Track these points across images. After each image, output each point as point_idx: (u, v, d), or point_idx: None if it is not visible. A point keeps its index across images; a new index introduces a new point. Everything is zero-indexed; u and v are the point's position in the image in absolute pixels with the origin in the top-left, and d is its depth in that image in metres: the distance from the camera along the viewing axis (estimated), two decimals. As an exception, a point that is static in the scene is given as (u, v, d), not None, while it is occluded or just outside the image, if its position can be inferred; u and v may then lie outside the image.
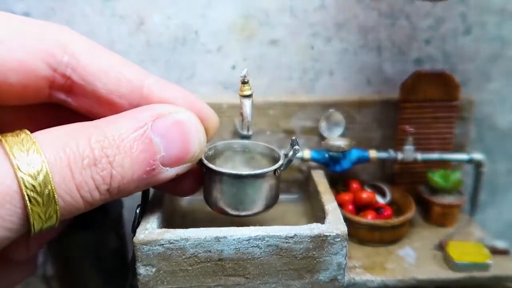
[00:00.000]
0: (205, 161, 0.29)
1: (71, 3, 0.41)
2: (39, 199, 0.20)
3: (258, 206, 0.29)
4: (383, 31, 0.44)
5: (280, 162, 0.30)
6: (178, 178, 0.26)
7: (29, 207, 0.20)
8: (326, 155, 0.40)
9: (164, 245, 0.27)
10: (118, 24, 0.42)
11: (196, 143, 0.25)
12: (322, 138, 0.43)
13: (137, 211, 0.29)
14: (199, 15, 0.42)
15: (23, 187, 0.19)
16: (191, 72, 0.44)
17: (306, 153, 0.40)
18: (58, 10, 0.41)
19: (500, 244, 0.37)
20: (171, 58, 0.44)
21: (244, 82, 0.30)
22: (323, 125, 0.43)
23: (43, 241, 0.28)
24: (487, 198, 0.51)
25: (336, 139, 0.41)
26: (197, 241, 0.27)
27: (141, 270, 0.27)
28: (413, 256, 0.37)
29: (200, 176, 0.30)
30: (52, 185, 0.20)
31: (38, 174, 0.20)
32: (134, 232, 0.28)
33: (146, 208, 0.30)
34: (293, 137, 0.31)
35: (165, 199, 0.33)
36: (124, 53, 0.43)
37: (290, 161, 0.30)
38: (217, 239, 0.27)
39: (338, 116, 0.43)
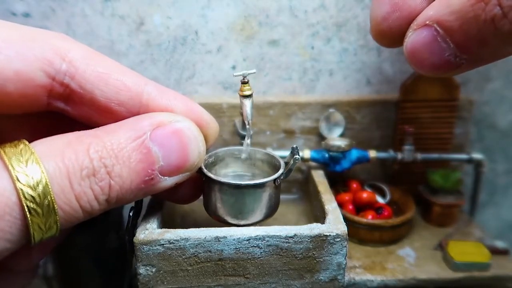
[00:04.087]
0: (205, 170, 0.29)
1: (71, 3, 0.41)
2: (39, 210, 0.20)
3: (258, 215, 0.29)
4: (383, 31, 0.44)
5: (280, 171, 0.29)
6: (177, 186, 0.25)
7: (29, 218, 0.19)
8: (326, 155, 0.40)
9: (164, 245, 0.27)
10: (118, 24, 0.42)
11: (195, 152, 0.25)
12: (322, 138, 0.43)
13: (130, 214, 0.29)
14: (199, 15, 0.42)
15: (23, 198, 0.19)
16: (191, 72, 0.44)
17: (306, 153, 0.40)
18: (58, 10, 0.41)
19: (500, 244, 0.37)
20: (171, 58, 0.44)
21: (244, 82, 0.30)
22: (323, 125, 0.43)
23: (46, 251, 0.28)
24: (487, 198, 0.51)
25: (336, 139, 0.41)
26: (197, 241, 0.27)
27: (141, 270, 0.27)
28: (413, 256, 0.37)
29: (200, 183, 0.30)
30: (52, 196, 0.20)
31: (38, 185, 0.19)
32: (128, 234, 0.28)
33: (139, 211, 0.30)
34: (294, 146, 0.30)
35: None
36: (124, 53, 0.43)
37: (290, 170, 0.30)
38: (217, 239, 0.27)
39: (338, 116, 0.43)
